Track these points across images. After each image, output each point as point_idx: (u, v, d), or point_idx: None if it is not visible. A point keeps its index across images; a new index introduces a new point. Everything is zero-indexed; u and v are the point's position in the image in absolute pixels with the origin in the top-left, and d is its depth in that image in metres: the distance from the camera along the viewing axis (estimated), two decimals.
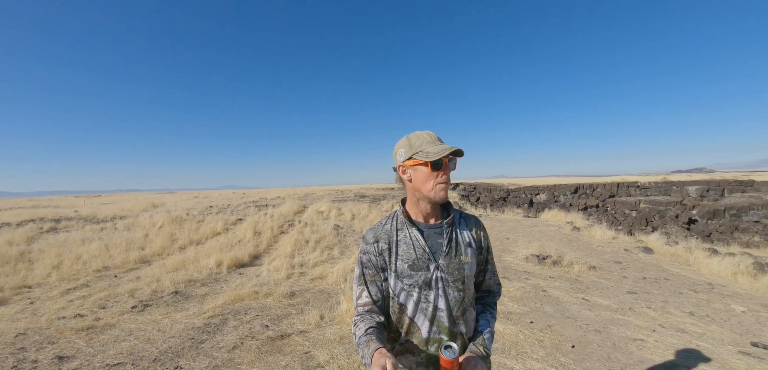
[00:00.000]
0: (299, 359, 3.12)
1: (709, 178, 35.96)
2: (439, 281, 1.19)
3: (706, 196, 30.89)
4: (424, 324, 1.18)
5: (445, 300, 1.19)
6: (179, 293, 4.96)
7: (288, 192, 20.76)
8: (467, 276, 1.24)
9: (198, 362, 3.11)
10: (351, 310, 3.97)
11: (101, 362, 3.14)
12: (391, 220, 1.31)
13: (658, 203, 30.29)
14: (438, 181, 1.19)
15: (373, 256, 1.24)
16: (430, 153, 1.17)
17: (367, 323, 1.18)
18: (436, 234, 1.25)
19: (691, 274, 6.09)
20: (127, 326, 3.91)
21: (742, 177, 33.02)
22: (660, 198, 31.48)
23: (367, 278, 1.25)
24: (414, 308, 1.19)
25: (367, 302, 1.23)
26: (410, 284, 1.19)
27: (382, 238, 1.26)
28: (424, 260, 1.20)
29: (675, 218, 28.06)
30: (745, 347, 3.46)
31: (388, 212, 12.80)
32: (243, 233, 8.90)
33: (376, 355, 1.01)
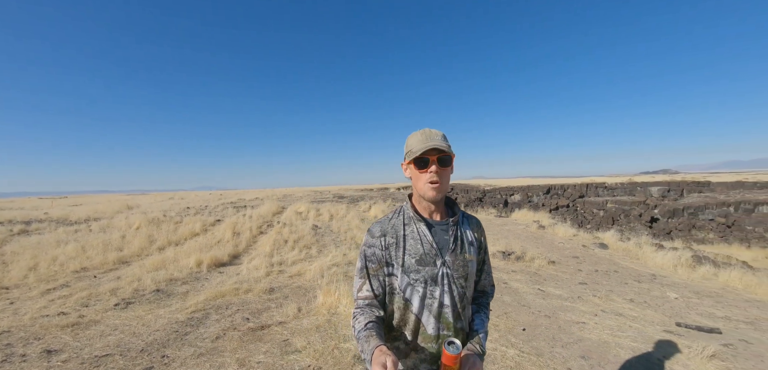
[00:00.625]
0: (278, 345, 3.42)
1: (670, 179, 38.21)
2: (445, 277, 1.21)
3: (667, 196, 32.78)
4: (429, 321, 1.20)
5: (450, 296, 1.21)
6: (161, 291, 5.14)
7: (266, 193, 20.76)
8: (470, 273, 1.27)
9: (183, 351, 3.36)
10: (327, 302, 4.29)
11: (89, 354, 3.34)
12: (397, 214, 1.32)
13: (623, 203, 31.91)
14: (426, 180, 1.21)
15: (378, 250, 1.25)
16: (413, 152, 1.21)
17: (367, 316, 1.19)
18: (443, 231, 1.27)
19: (638, 267, 6.73)
20: (112, 321, 4.09)
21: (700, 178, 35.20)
22: (625, 198, 33.17)
23: (369, 271, 1.25)
24: (420, 304, 1.20)
25: (368, 295, 1.24)
26: (416, 279, 1.20)
27: (389, 232, 1.26)
28: (432, 256, 1.21)
29: (639, 217, 29.68)
30: (670, 327, 4.01)
31: (365, 213, 13.13)
32: (222, 233, 9.04)
33: (376, 352, 1.01)
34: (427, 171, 1.20)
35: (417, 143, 1.21)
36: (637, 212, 28.59)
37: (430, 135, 1.22)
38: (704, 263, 6.42)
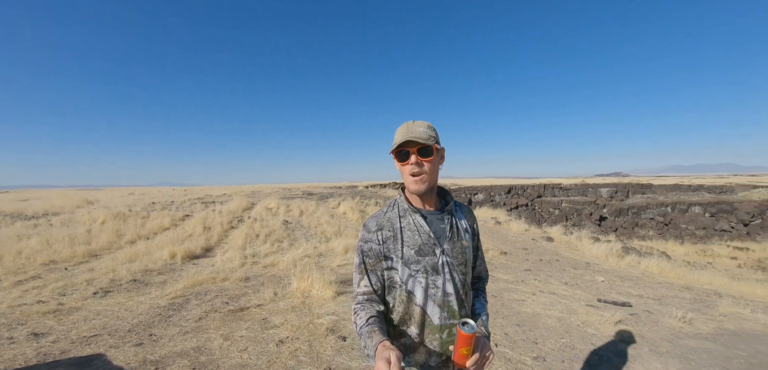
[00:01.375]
0: (258, 323, 3.83)
1: (618, 181, 41.31)
2: (446, 265, 1.21)
3: (614, 197, 35.51)
4: (434, 311, 1.19)
5: (452, 284, 1.21)
6: (138, 281, 5.34)
7: (234, 189, 20.58)
8: (468, 260, 1.28)
9: (169, 331, 3.69)
10: (301, 287, 4.73)
11: (77, 335, 3.59)
12: (392, 207, 1.32)
13: (576, 203, 34.23)
14: (408, 172, 1.22)
15: (375, 244, 1.24)
16: (394, 144, 1.23)
17: (368, 312, 1.18)
18: (438, 220, 1.27)
19: (577, 256, 7.66)
20: (93, 308, 4.31)
21: (644, 181, 38.35)
22: (579, 198, 35.58)
23: (367, 267, 1.25)
24: (423, 295, 1.20)
25: (366, 290, 1.24)
26: (417, 270, 1.19)
27: (386, 226, 1.26)
28: (430, 245, 1.21)
29: (589, 216, 31.95)
30: (593, 302, 4.79)
31: (334, 209, 13.53)
32: (192, 228, 9.14)
33: (380, 347, 1.00)
34: (408, 163, 1.20)
35: (398, 136, 1.21)
36: (588, 211, 30.86)
37: (410, 127, 1.21)
38: (631, 252, 7.45)
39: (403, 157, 1.21)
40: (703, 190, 32.24)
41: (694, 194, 31.42)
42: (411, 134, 1.17)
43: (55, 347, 3.34)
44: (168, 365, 2.97)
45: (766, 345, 3.56)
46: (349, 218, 12.19)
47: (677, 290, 5.60)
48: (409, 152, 1.19)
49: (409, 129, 1.20)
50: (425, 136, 1.18)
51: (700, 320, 4.22)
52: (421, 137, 1.17)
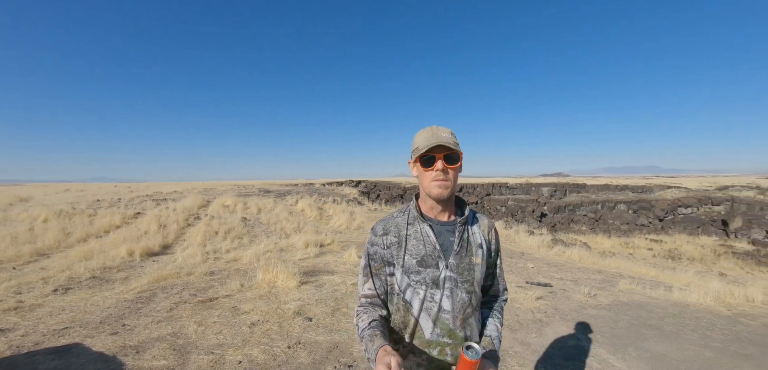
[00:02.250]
0: (228, 310, 4.17)
1: (557, 181, 44.93)
2: (448, 280, 1.18)
3: (554, 195, 38.58)
4: (427, 324, 1.18)
5: (451, 302, 1.18)
6: (97, 278, 5.39)
7: (186, 186, 19.88)
8: (477, 279, 1.23)
9: (142, 321, 3.92)
10: (266, 278, 5.09)
11: (47, 329, 3.71)
12: (403, 213, 1.30)
13: (521, 201, 36.79)
14: (432, 178, 1.18)
15: (380, 248, 1.24)
16: (419, 149, 1.19)
17: (371, 315, 1.19)
18: (448, 232, 1.24)
19: (514, 247, 8.66)
20: (57, 304, 4.38)
21: (579, 181, 42.04)
22: (523, 197, 38.25)
23: (372, 270, 1.25)
24: (420, 306, 1.18)
25: (370, 292, 1.24)
26: (417, 281, 1.18)
27: (392, 231, 1.25)
28: (434, 258, 1.19)
29: (532, 212, 34.50)
30: (521, 284, 5.64)
31: (293, 207, 13.74)
32: (146, 225, 9.00)
33: (380, 352, 1.00)
34: (432, 169, 1.18)
35: (423, 141, 1.19)
36: (531, 209, 33.39)
37: (436, 132, 1.19)
38: (558, 244, 8.59)
39: (428, 162, 1.19)
40: (628, 189, 36.08)
41: (621, 193, 35.11)
42: (439, 139, 1.16)
43: (26, 340, 3.46)
44: (148, 348, 3.27)
45: (646, 310, 4.55)
46: (307, 215, 12.49)
47: (591, 273, 6.67)
48: (436, 158, 1.17)
49: (435, 134, 1.18)
50: (452, 142, 1.17)
51: (603, 295, 5.20)
52: (449, 143, 1.16)
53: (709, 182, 39.61)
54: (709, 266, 16.92)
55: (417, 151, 1.20)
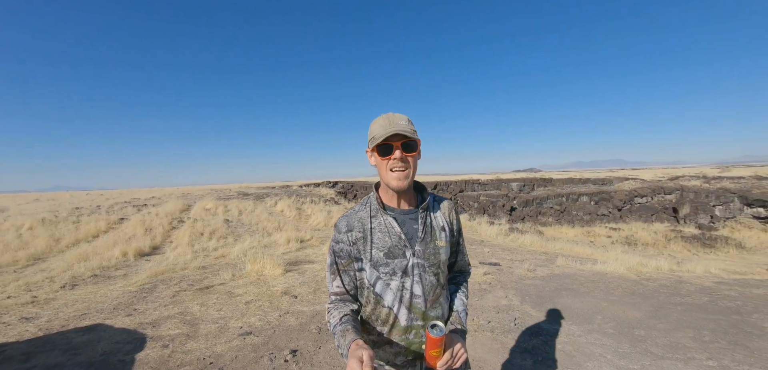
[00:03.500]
0: (224, 294, 4.90)
1: (526, 177, 47.10)
2: (415, 267, 1.20)
3: (522, 190, 40.53)
4: (402, 312, 1.20)
5: (421, 286, 1.20)
6: (99, 276, 5.97)
7: (163, 192, 19.98)
8: (442, 261, 1.25)
9: (150, 305, 4.60)
10: (255, 269, 5.83)
11: (67, 316, 4.33)
12: (364, 206, 1.29)
13: (492, 196, 38.46)
14: (389, 167, 1.17)
15: (346, 245, 1.23)
16: (375, 138, 1.17)
17: (341, 311, 1.20)
18: (412, 220, 1.24)
19: (475, 236, 9.71)
20: (68, 297, 4.98)
21: (546, 176, 44.27)
22: (494, 192, 40.00)
23: (339, 267, 1.25)
24: (392, 297, 1.19)
25: (339, 290, 1.25)
26: (386, 273, 1.19)
27: (356, 227, 1.24)
28: (400, 248, 1.19)
29: (502, 207, 36.19)
30: (475, 264, 6.59)
31: (272, 208, 14.35)
32: (132, 230, 9.47)
33: (352, 346, 1.00)
34: (390, 158, 1.16)
35: (379, 129, 1.17)
36: (501, 203, 35.07)
37: (392, 120, 1.17)
38: (513, 231, 9.71)
39: (385, 151, 1.17)
40: (590, 182, 38.43)
41: (583, 186, 37.38)
42: (396, 127, 1.14)
43: (52, 324, 4.09)
44: (162, 323, 3.98)
45: (571, 279, 5.60)
46: (286, 215, 13.16)
47: (538, 255, 7.77)
48: (393, 146, 1.16)
49: (392, 121, 1.16)
50: (410, 130, 1.15)
51: (541, 270, 6.24)
52: (406, 131, 1.14)
53: (663, 173, 42.73)
54: (661, 250, 18.71)
55: (373, 140, 1.18)
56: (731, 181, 34.11)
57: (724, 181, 33.91)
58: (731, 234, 23.62)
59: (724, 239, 22.15)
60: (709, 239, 22.05)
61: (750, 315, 3.91)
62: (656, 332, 3.51)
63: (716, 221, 26.89)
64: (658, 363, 2.93)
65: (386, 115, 1.20)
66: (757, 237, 22.51)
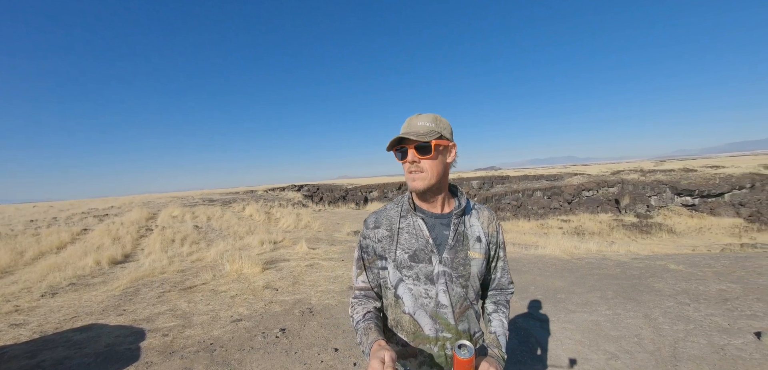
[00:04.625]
0: (209, 291, 5.32)
1: (486, 175, 49.48)
2: (442, 275, 1.15)
3: (482, 188, 42.62)
4: (425, 321, 1.15)
5: (447, 296, 1.15)
6: (77, 284, 6.12)
7: (122, 201, 19.29)
8: (473, 273, 1.19)
9: (139, 306, 4.94)
10: (234, 268, 6.24)
11: (57, 320, 4.58)
12: (396, 205, 1.27)
13: None
14: (406, 170, 1.17)
15: (372, 242, 1.23)
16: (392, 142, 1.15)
17: (365, 307, 1.20)
18: (443, 225, 1.20)
19: None
20: (53, 304, 5.17)
21: (504, 174, 46.72)
22: None
23: (365, 262, 1.25)
24: (413, 302, 1.16)
25: (364, 285, 1.24)
26: (409, 276, 1.16)
27: (384, 224, 1.23)
28: (427, 252, 1.16)
29: None
30: None
31: (241, 213, 14.51)
32: (99, 240, 9.43)
33: (375, 346, 0.99)
34: (405, 161, 1.16)
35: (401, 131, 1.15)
36: None
37: (410, 123, 1.15)
38: None
39: (403, 154, 1.16)
40: (544, 178, 41.13)
41: (537, 182, 39.95)
42: (407, 129, 1.13)
43: (45, 327, 4.35)
44: (155, 319, 4.38)
45: (515, 261, 6.50)
46: (256, 219, 13.42)
47: None
48: (408, 149, 1.14)
49: (409, 124, 1.15)
50: (422, 132, 1.12)
51: None
52: (418, 133, 1.11)
53: (607, 168, 46.52)
54: (605, 237, 20.66)
55: (390, 143, 1.17)
56: (664, 174, 37.85)
57: (658, 174, 37.56)
58: (664, 221, 26.40)
59: (658, 226, 24.75)
60: (646, 226, 24.59)
61: (646, 279, 4.97)
62: (573, 295, 4.44)
63: (652, 209, 29.87)
64: (570, 316, 3.82)
65: (409, 118, 1.18)
66: (685, 222, 25.36)
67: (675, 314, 3.73)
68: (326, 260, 7.10)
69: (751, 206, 27.45)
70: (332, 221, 13.76)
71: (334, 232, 10.87)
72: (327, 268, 6.46)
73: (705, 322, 3.50)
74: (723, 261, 6.06)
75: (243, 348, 3.41)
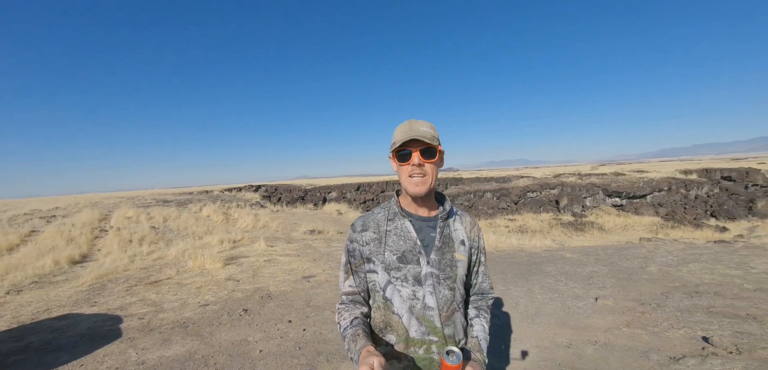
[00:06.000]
0: (175, 285, 5.92)
1: (441, 176, 51.50)
2: (430, 277, 1.18)
3: (438, 188, 44.93)
4: (411, 323, 1.17)
5: (434, 298, 1.17)
6: (39, 282, 6.41)
7: (68, 200, 18.45)
8: (459, 275, 1.23)
9: (109, 298, 5.43)
10: (197, 264, 6.84)
11: (30, 313, 4.98)
12: (383, 209, 1.29)
13: None
14: (408, 173, 1.17)
15: (359, 245, 1.24)
16: (395, 143, 1.17)
17: (352, 313, 1.20)
18: (429, 228, 1.23)
19: None
20: (20, 300, 5.52)
21: (457, 175, 49.15)
22: None
23: (352, 266, 1.25)
24: (401, 303, 1.17)
25: (351, 289, 1.25)
26: (398, 278, 1.18)
27: (371, 227, 1.25)
28: (415, 254, 1.18)
29: None
30: None
31: (198, 214, 14.69)
32: (51, 241, 9.43)
33: (364, 352, 1.00)
34: (408, 164, 1.17)
35: (400, 135, 1.17)
36: None
37: (413, 126, 1.16)
38: None
39: (405, 157, 1.17)
40: (493, 180, 43.90)
41: (488, 184, 42.58)
42: (415, 133, 1.14)
43: (20, 318, 4.75)
44: (127, 308, 4.96)
45: None
46: (214, 220, 13.73)
47: None
48: (412, 152, 1.16)
49: (412, 127, 1.16)
50: (429, 136, 1.15)
51: None
52: (426, 137, 1.14)
53: (550, 172, 50.41)
54: (546, 235, 22.85)
55: (394, 145, 1.18)
56: (597, 177, 41.81)
57: (592, 178, 41.45)
58: (596, 220, 29.45)
59: (591, 224, 27.62)
60: (580, 224, 27.37)
61: (543, 265, 6.29)
62: None
63: (586, 209, 33.13)
64: None
65: (408, 121, 1.19)
66: (613, 221, 28.52)
67: (549, 287, 4.99)
68: (284, 256, 7.87)
69: (667, 206, 31.37)
70: (290, 221, 14.40)
71: (292, 231, 11.58)
72: (284, 263, 7.24)
73: (567, 292, 4.79)
74: (610, 251, 7.61)
75: (212, 324, 4.18)
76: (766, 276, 4.88)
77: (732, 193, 31.47)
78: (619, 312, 4.03)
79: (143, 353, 3.55)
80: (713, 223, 25.49)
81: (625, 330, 3.57)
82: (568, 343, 3.36)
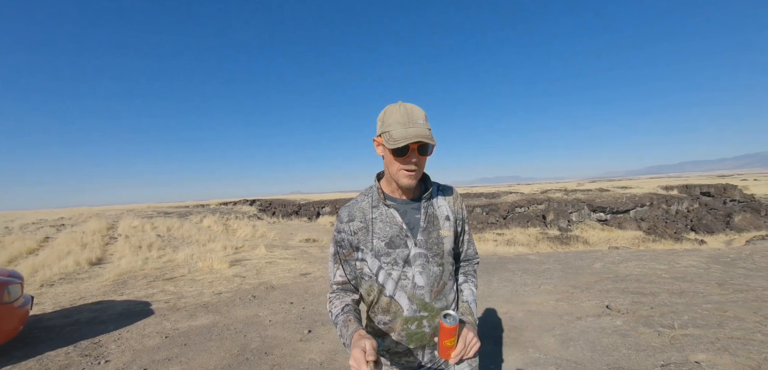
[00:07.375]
0: (189, 281, 6.80)
1: None
2: (418, 257, 1.20)
3: None
4: (404, 302, 1.20)
5: (424, 277, 1.20)
6: (67, 279, 7.26)
7: (73, 213, 19.21)
8: (446, 251, 1.25)
9: (133, 290, 6.29)
10: (206, 264, 7.75)
11: (67, 299, 5.83)
12: (366, 196, 1.28)
13: None
14: (401, 167, 1.14)
15: (347, 235, 1.24)
16: (394, 138, 1.10)
17: (343, 300, 1.22)
18: (414, 210, 1.24)
19: None
20: (55, 291, 6.37)
21: None
22: None
23: (341, 257, 1.26)
24: (394, 286, 1.20)
25: (341, 279, 1.26)
26: (388, 262, 1.19)
27: (357, 216, 1.24)
28: (402, 237, 1.20)
29: None
30: None
31: (199, 224, 15.54)
32: (67, 246, 10.24)
33: (355, 336, 1.03)
34: (404, 159, 1.13)
35: (397, 127, 1.10)
36: None
37: (411, 117, 1.11)
38: None
39: (401, 152, 1.11)
40: (483, 196, 45.16)
41: (478, 200, 43.83)
42: (419, 135, 1.08)
43: (61, 304, 5.64)
44: (152, 296, 5.86)
45: None
46: (214, 229, 14.60)
47: None
48: (409, 148, 1.11)
49: (411, 119, 1.11)
50: (428, 134, 1.11)
51: None
52: (427, 137, 1.09)
53: (538, 188, 51.89)
54: (532, 248, 23.93)
55: (390, 139, 1.10)
56: (582, 193, 43.25)
57: (578, 194, 42.89)
58: (581, 233, 30.67)
59: (575, 237, 28.80)
60: (566, 237, 28.54)
61: (508, 264, 7.30)
62: None
63: (572, 224, 34.39)
64: None
65: (404, 108, 1.13)
66: (597, 234, 29.79)
67: (506, 279, 6.01)
68: (282, 259, 8.80)
69: (649, 220, 32.73)
70: (286, 231, 15.31)
71: (288, 240, 12.51)
72: (283, 264, 8.18)
73: (519, 281, 5.81)
74: (571, 255, 8.65)
75: (228, 305, 5.12)
76: (684, 269, 5.94)
77: (711, 208, 33.02)
78: (555, 294, 5.04)
79: (176, 323, 4.48)
80: (693, 236, 26.76)
81: (553, 303, 4.57)
82: (506, 312, 4.36)
